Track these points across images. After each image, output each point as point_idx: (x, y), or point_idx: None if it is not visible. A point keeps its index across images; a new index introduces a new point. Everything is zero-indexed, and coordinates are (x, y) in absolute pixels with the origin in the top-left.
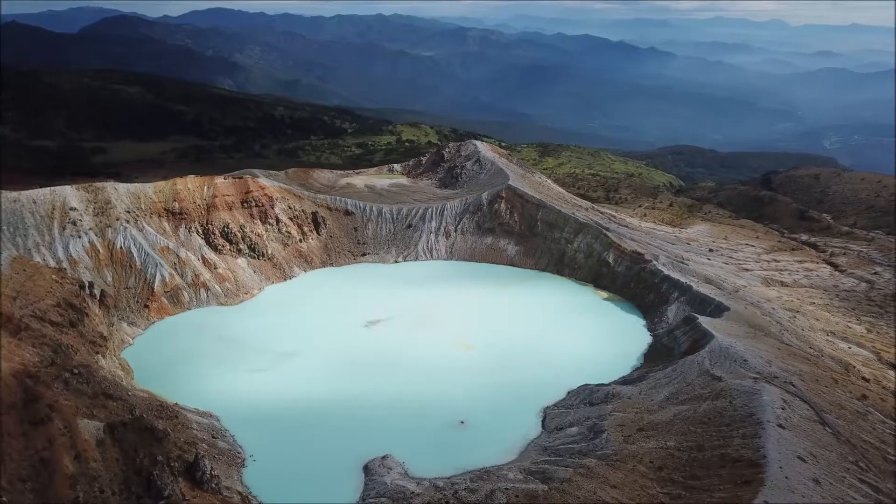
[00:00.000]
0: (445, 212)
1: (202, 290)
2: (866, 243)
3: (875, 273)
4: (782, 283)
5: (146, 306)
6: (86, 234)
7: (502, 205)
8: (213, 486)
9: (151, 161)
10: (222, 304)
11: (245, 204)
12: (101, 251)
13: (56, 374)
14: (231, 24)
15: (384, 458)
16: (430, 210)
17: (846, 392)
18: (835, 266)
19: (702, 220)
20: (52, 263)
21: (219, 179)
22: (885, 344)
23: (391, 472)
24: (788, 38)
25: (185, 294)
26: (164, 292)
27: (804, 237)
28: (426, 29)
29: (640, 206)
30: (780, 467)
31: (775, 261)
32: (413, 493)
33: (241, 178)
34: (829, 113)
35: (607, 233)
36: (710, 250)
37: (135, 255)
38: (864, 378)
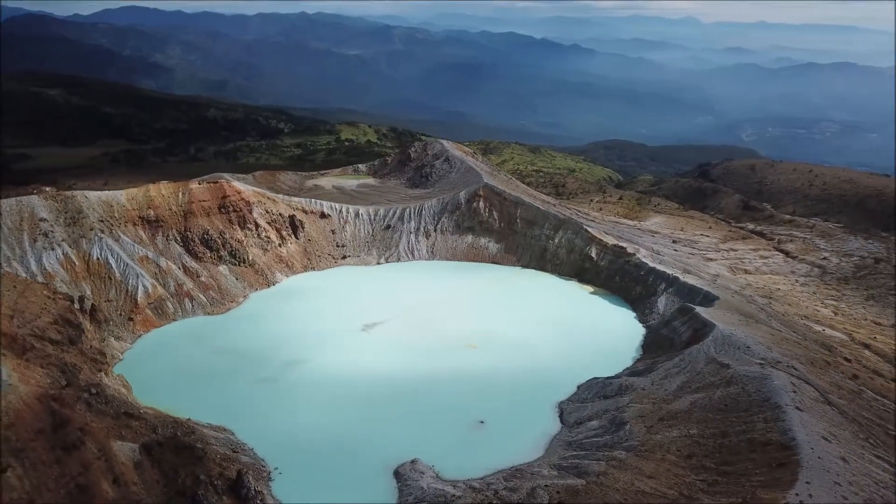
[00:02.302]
0: (424, 212)
1: (186, 300)
2: (809, 230)
3: (824, 259)
4: (746, 272)
5: (131, 319)
6: (59, 245)
7: (481, 203)
8: (259, 502)
9: (87, 168)
10: (209, 314)
11: (223, 209)
12: (76, 263)
13: (76, 396)
14: (148, 23)
15: (413, 462)
16: (408, 210)
17: (838, 373)
18: (786, 253)
19: (655, 213)
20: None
21: (193, 185)
22: (853, 325)
23: (424, 476)
24: (702, 35)
25: (170, 305)
26: (148, 304)
27: (750, 226)
28: (351, 27)
29: (591, 200)
30: (812, 448)
31: (732, 250)
32: (454, 496)
33: (216, 182)
34: (744, 106)
35: (588, 228)
36: (674, 242)
37: (113, 266)
38: (846, 359)
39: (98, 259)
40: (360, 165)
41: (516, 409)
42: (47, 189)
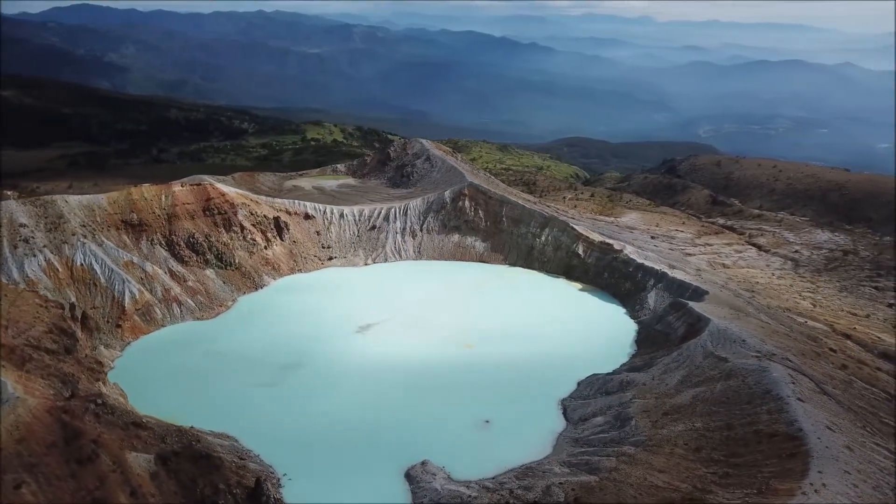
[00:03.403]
0: (409, 211)
1: (175, 306)
2: (777, 224)
3: (796, 252)
4: (724, 266)
5: (118, 326)
6: (40, 251)
7: (466, 202)
8: None
9: (47, 171)
10: (198, 319)
11: (207, 212)
12: (59, 269)
13: (84, 407)
14: (100, 22)
15: (423, 463)
16: (392, 210)
17: (828, 364)
18: (758, 247)
19: (629, 209)
20: None
21: (176, 187)
22: (833, 317)
23: (436, 478)
24: (656, 33)
25: (158, 311)
26: (136, 310)
27: (721, 221)
28: (310, 26)
29: (564, 197)
30: (819, 438)
31: (708, 244)
32: (470, 496)
33: (199, 184)
34: (699, 103)
35: (574, 225)
36: (652, 238)
37: (98, 271)
38: (831, 349)
39: (82, 265)
40: (338, 165)
41: (520, 408)
42: (9, 193)
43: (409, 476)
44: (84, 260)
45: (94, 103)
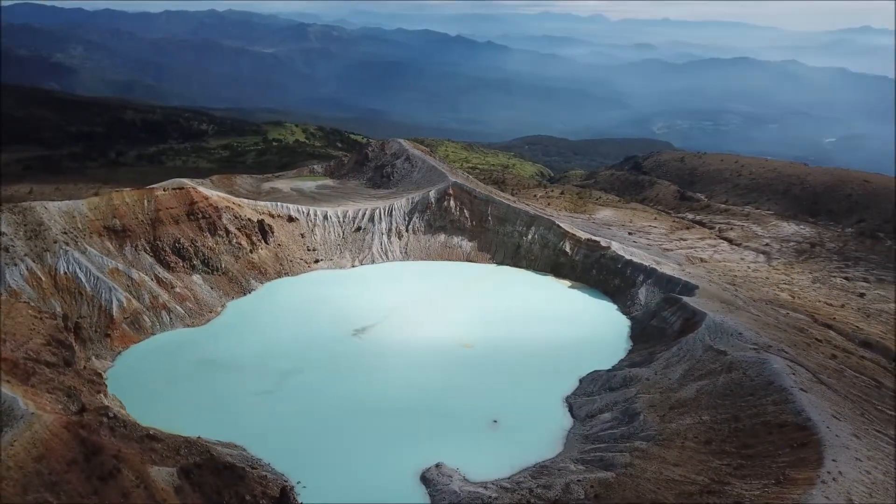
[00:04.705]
0: (394, 212)
1: (163, 313)
2: (744, 217)
3: (766, 244)
4: (702, 260)
5: (107, 335)
6: (22, 260)
7: (451, 202)
8: None
9: (5, 176)
10: (189, 326)
11: (191, 216)
12: (43, 279)
13: (98, 421)
14: (46, 22)
15: (438, 466)
16: (377, 211)
17: (819, 354)
18: (730, 241)
19: (601, 206)
20: None
21: (158, 192)
22: (812, 307)
23: (453, 480)
24: (609, 31)
25: (147, 318)
26: (124, 318)
27: (689, 216)
28: (264, 25)
29: (535, 195)
30: (828, 427)
31: (682, 239)
32: (490, 497)
33: (182, 188)
34: (653, 100)
35: (560, 223)
36: (630, 234)
37: (83, 280)
38: (817, 339)
39: (66, 273)
40: (315, 166)
41: (525, 406)
42: None
43: (424, 479)
44: (68, 268)
45: (45, 105)
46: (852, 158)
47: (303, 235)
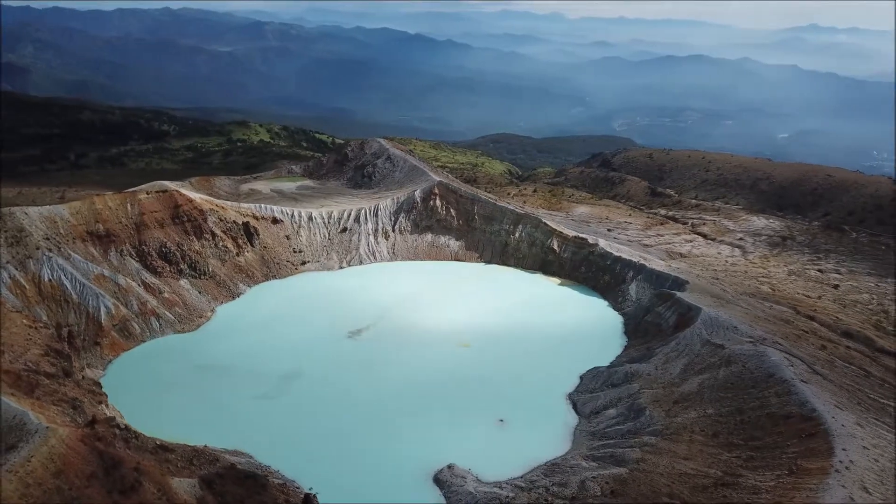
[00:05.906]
0: (380, 212)
1: (153, 319)
2: (715, 213)
3: (740, 239)
4: (681, 255)
5: (97, 343)
6: (3, 268)
7: (437, 201)
8: None
9: None
10: (179, 332)
11: (176, 220)
12: (26, 287)
13: (111, 433)
14: None
15: (450, 467)
16: (363, 212)
17: (809, 345)
18: (704, 236)
19: (576, 203)
20: None
21: (141, 195)
22: (794, 300)
23: (467, 481)
24: (568, 29)
25: (136, 325)
26: (113, 325)
27: (662, 212)
28: (220, 23)
29: (508, 193)
30: (834, 417)
31: (659, 235)
32: (507, 497)
33: (165, 191)
34: (612, 98)
35: (546, 221)
36: (609, 230)
37: (68, 287)
38: (804, 331)
39: (50, 280)
40: (293, 167)
41: (529, 405)
42: None
43: (438, 480)
44: (52, 275)
45: None
46: (806, 153)
47: (288, 237)
